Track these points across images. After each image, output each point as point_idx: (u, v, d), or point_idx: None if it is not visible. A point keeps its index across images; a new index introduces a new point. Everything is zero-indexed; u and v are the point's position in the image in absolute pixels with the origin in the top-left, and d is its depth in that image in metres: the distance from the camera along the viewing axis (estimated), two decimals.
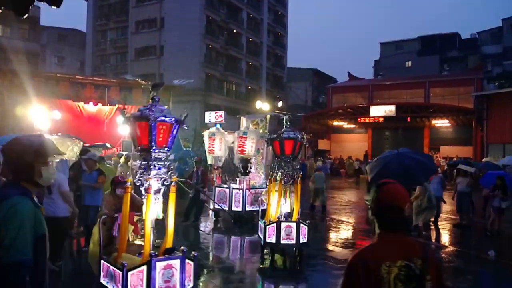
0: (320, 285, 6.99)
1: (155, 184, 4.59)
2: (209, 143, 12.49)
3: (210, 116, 26.79)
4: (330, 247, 9.23)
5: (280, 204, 7.70)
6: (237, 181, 11.92)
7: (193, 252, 4.86)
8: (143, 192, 4.61)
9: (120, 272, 4.43)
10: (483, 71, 39.15)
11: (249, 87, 46.87)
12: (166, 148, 4.62)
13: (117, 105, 18.16)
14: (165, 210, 4.82)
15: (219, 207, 11.68)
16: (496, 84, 39.71)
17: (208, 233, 10.70)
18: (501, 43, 45.07)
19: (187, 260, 4.68)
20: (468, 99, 32.47)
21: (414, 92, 38.44)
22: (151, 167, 4.55)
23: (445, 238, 10.69)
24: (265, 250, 7.85)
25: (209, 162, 13.07)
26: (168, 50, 40.48)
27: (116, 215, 5.31)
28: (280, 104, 39.97)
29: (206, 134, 12.67)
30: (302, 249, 7.64)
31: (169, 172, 4.65)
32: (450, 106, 33.20)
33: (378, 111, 34.44)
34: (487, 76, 40.65)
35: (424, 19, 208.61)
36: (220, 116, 25.36)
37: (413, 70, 48.02)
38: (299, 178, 7.85)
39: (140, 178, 4.57)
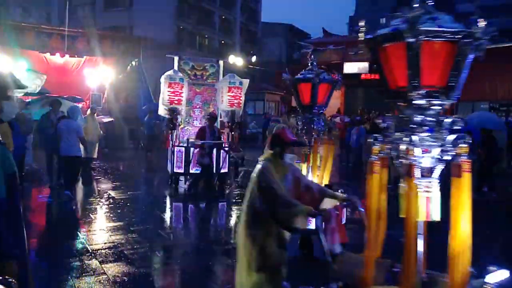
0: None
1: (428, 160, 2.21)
2: (174, 91, 9.66)
3: None
4: None
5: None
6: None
7: None
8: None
9: None
10: None
11: (222, 41, 45.90)
12: None
13: (85, 57, 17.53)
14: None
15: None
16: None
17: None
18: (473, 2, 45.23)
19: None
20: None
21: None
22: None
23: None
24: None
25: (161, 113, 10.34)
26: (137, 2, 38.97)
27: (325, 208, 3.26)
28: (254, 59, 39.46)
29: (164, 79, 9.68)
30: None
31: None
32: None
33: (352, 68, 34.54)
34: None
35: None
36: None
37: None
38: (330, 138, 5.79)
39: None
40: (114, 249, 5.68)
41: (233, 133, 10.32)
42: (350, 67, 34.54)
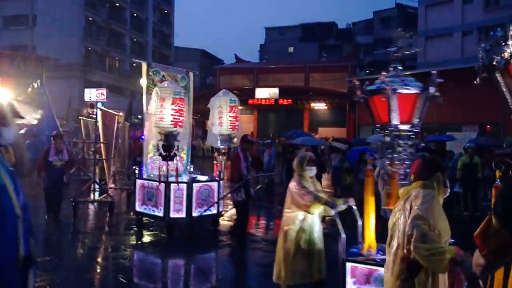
0: (247, 257, 7.20)
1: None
2: (179, 109, 7.36)
3: (91, 94, 25.25)
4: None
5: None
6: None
7: None
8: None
9: None
10: (356, 59, 42.58)
11: (134, 64, 45.00)
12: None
13: None
14: None
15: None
16: (367, 71, 43.46)
17: None
18: (372, 34, 49.32)
19: None
20: (343, 84, 35.05)
21: (296, 76, 40.43)
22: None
23: None
24: None
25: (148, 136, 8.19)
26: (41, 21, 37.10)
27: None
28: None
29: (163, 93, 7.33)
30: None
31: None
32: (327, 90, 35.59)
33: (263, 94, 35.70)
34: (360, 64, 44.34)
35: (306, 6, 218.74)
36: (102, 94, 23.86)
37: (295, 55, 50.49)
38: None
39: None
40: None
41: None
42: (261, 93, 35.65)
